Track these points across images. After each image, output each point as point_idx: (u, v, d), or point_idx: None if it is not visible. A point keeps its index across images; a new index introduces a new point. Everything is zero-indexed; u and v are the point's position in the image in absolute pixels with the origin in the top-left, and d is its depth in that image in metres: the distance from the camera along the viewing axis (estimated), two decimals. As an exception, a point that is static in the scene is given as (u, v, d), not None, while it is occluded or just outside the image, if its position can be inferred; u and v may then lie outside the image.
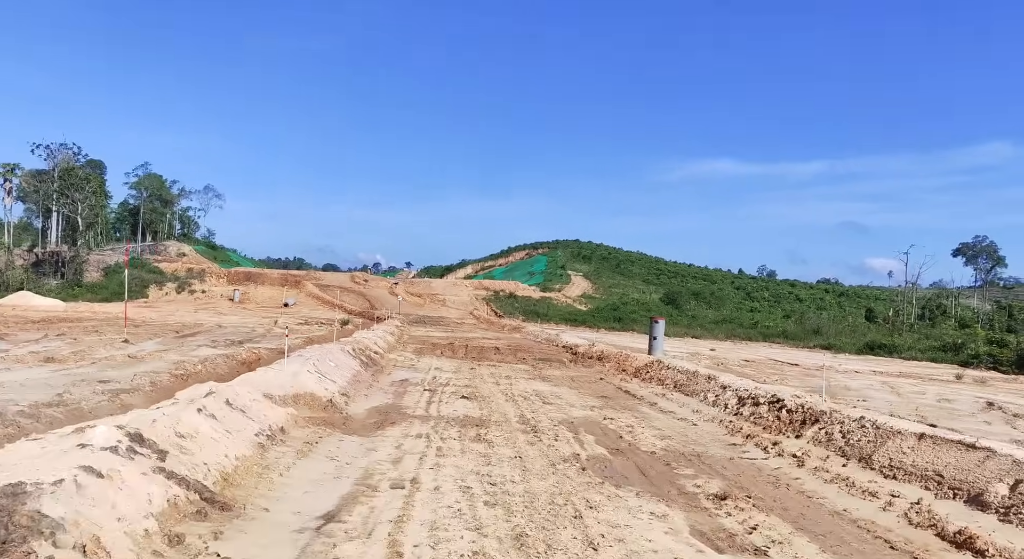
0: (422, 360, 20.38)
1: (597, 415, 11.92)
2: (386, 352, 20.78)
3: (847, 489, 7.34)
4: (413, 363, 19.24)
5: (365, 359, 16.38)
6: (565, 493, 6.55)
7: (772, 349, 46.82)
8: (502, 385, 15.31)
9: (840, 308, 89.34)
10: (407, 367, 18.02)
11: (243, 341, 22.60)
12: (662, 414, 12.56)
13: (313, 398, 10.45)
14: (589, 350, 26.00)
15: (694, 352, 33.75)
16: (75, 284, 59.96)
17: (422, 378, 15.71)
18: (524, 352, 26.97)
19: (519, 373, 18.30)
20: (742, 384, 13.17)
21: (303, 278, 69.33)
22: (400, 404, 11.85)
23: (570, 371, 20.12)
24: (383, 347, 21.34)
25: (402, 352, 22.59)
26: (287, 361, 11.71)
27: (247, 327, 31.12)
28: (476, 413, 11.25)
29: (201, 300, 59.62)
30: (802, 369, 27.92)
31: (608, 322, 64.86)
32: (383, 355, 19.43)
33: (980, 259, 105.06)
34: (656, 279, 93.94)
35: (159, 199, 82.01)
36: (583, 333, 47.82)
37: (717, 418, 11.83)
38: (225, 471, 5.62)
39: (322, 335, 27.47)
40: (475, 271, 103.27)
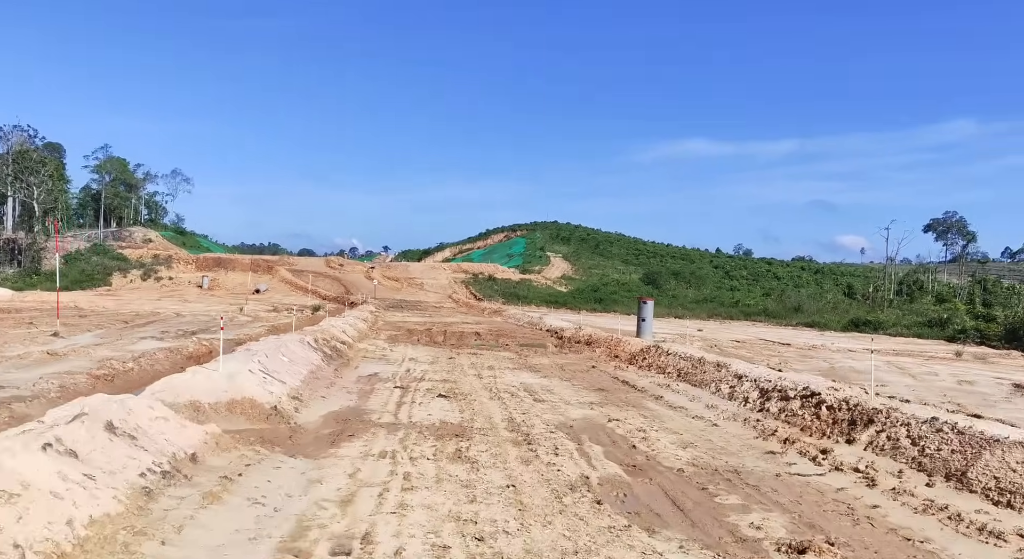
0: (396, 349, 18.28)
1: (598, 415, 9.96)
2: (356, 341, 18.64)
3: (954, 525, 5.42)
4: (385, 353, 17.13)
5: (329, 351, 14.25)
6: (583, 551, 4.55)
7: (757, 328, 45.34)
8: (485, 378, 13.28)
9: (818, 285, 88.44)
10: (378, 358, 15.91)
11: (198, 331, 20.30)
12: (673, 411, 10.62)
13: (253, 405, 8.35)
14: (576, 334, 24.07)
15: (680, 333, 32.03)
16: (32, 272, 56.72)
17: (394, 372, 13.63)
18: (507, 337, 24.98)
19: (503, 362, 16.29)
20: (761, 373, 11.27)
21: (276, 263, 66.54)
22: (364, 407, 9.78)
23: (558, 358, 18.16)
24: (353, 335, 19.19)
25: (374, 340, 20.46)
26: (225, 359, 9.56)
27: (209, 315, 28.74)
28: (456, 417, 9.22)
29: (167, 287, 56.74)
30: (797, 349, 26.28)
31: (589, 303, 63.10)
32: (352, 345, 17.29)
33: (951, 234, 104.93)
34: (636, 259, 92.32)
35: (123, 184, 78.20)
36: (566, 315, 45.95)
37: (740, 416, 9.92)
38: (61, 551, 3.52)
39: (288, 323, 25.26)
40: (453, 254, 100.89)
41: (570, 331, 25.32)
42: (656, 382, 13.56)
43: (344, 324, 20.89)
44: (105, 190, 73.67)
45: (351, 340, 18.05)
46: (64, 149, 71.69)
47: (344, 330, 18.84)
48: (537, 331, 29.05)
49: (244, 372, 8.89)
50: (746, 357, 19.70)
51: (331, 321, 21.12)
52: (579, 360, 17.90)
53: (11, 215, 62.58)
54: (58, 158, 69.17)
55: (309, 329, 16.83)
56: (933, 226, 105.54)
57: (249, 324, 24.82)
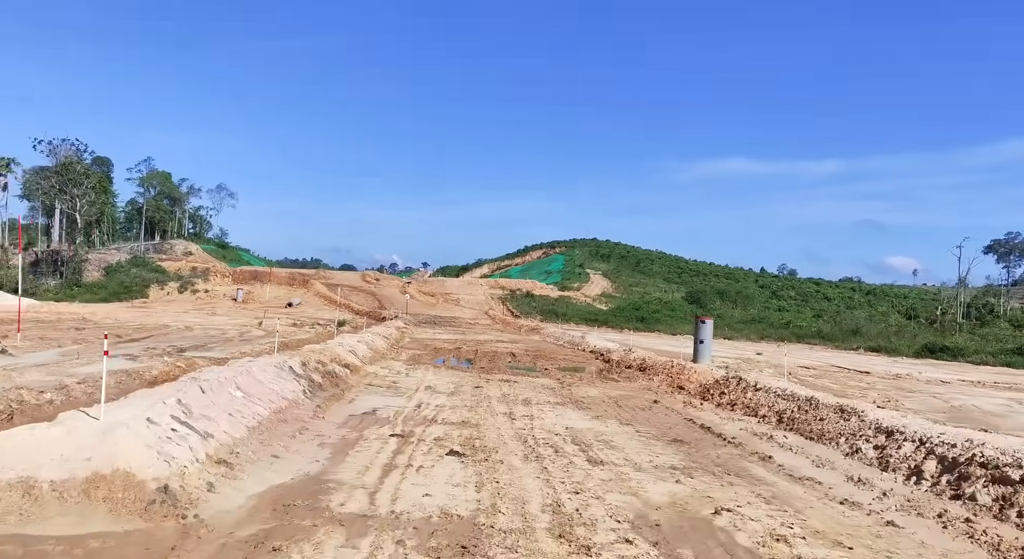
0: (413, 373, 14.76)
1: (691, 494, 6.24)
2: (366, 363, 15.18)
3: None
4: (398, 379, 13.60)
5: (320, 378, 10.77)
6: None
7: (818, 352, 40.74)
8: (518, 419, 9.63)
9: (871, 307, 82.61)
10: (386, 387, 12.38)
11: (191, 348, 17.12)
12: (801, 487, 6.81)
13: (128, 484, 4.87)
14: (626, 357, 20.28)
15: (740, 357, 27.96)
16: (74, 284, 55.16)
17: (400, 408, 10.09)
18: (545, 359, 21.34)
19: (542, 393, 12.64)
20: (925, 429, 7.40)
21: (312, 277, 64.02)
22: (330, 476, 6.23)
23: (609, 388, 14.43)
24: (364, 356, 15.75)
25: (390, 361, 16.99)
26: (123, 404, 6.14)
27: (221, 329, 25.72)
28: (468, 502, 5.60)
29: (202, 300, 54.50)
30: (881, 379, 22.05)
31: (631, 322, 58.99)
32: (359, 368, 13.82)
33: (1013, 256, 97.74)
34: (677, 278, 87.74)
35: (168, 197, 76.95)
36: (608, 334, 42.05)
37: (922, 505, 6.07)
38: None
39: (303, 338, 22.04)
40: (491, 271, 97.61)
41: (618, 353, 21.53)
42: (750, 430, 9.73)
43: (358, 342, 17.50)
44: (147, 203, 72.35)
45: (360, 362, 14.59)
46: (112, 163, 70.92)
47: (354, 349, 15.40)
48: (579, 352, 25.32)
49: (133, 424, 5.42)
50: (834, 389, 15.71)
51: (344, 338, 17.75)
52: (635, 391, 14.14)
53: (59, 227, 61.40)
54: (105, 172, 68.18)
55: (308, 348, 13.42)
56: (994, 247, 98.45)
57: (258, 340, 21.64)
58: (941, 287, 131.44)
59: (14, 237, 58.49)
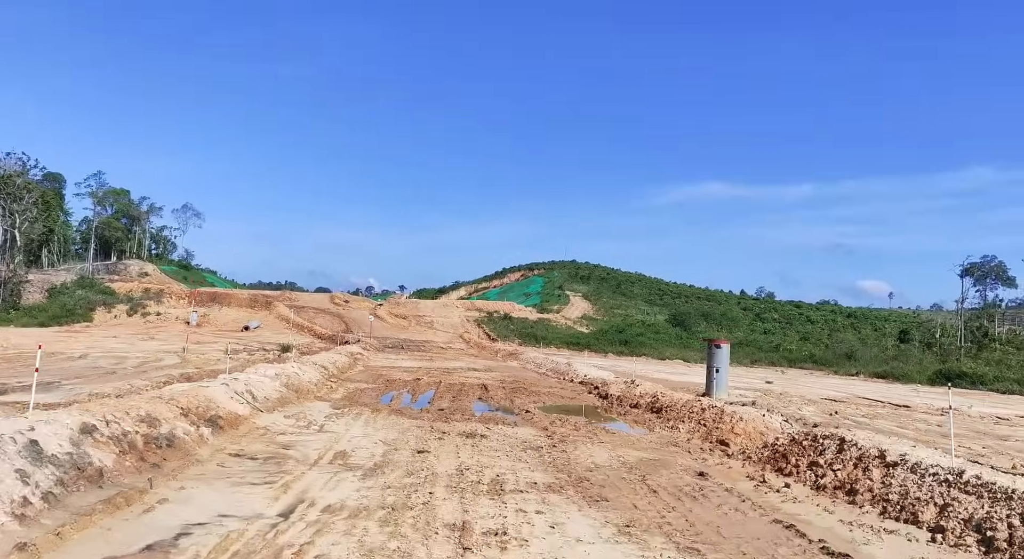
0: (335, 424, 9.70)
1: None
2: (269, 408, 10.08)
3: None
4: (298, 438, 8.51)
5: (113, 455, 5.69)
6: None
7: (819, 378, 36.20)
8: (479, 550, 4.67)
9: (855, 330, 78.75)
10: (264, 457, 7.24)
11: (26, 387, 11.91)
12: None
13: None
14: (629, 392, 15.34)
15: (748, 387, 23.26)
16: (11, 307, 49.09)
17: (239, 527, 5.07)
18: (526, 393, 16.36)
19: (523, 463, 7.67)
20: None
21: (275, 298, 58.38)
22: None
23: (620, 444, 9.50)
24: (270, 396, 10.66)
25: (314, 402, 11.89)
26: None
27: (130, 357, 20.40)
28: None
29: (152, 323, 48.70)
30: (927, 414, 17.42)
31: (614, 346, 54.14)
32: (242, 420, 8.73)
33: (990, 279, 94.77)
34: (659, 300, 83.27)
35: (126, 216, 70.73)
36: (592, 360, 37.17)
37: None
38: None
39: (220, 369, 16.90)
40: (469, 293, 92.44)
41: (618, 386, 16.60)
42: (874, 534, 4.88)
43: (275, 375, 12.41)
44: (98, 221, 66.10)
45: (251, 409, 9.48)
46: (64, 180, 64.66)
47: (252, 388, 10.29)
48: (567, 383, 20.36)
49: None
50: (906, 435, 10.97)
51: (254, 372, 12.63)
52: (659, 449, 9.23)
53: (6, 246, 55.22)
54: (57, 188, 62.29)
55: (149, 395, 8.32)
56: (970, 270, 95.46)
57: (158, 370, 16.36)
58: (918, 310, 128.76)
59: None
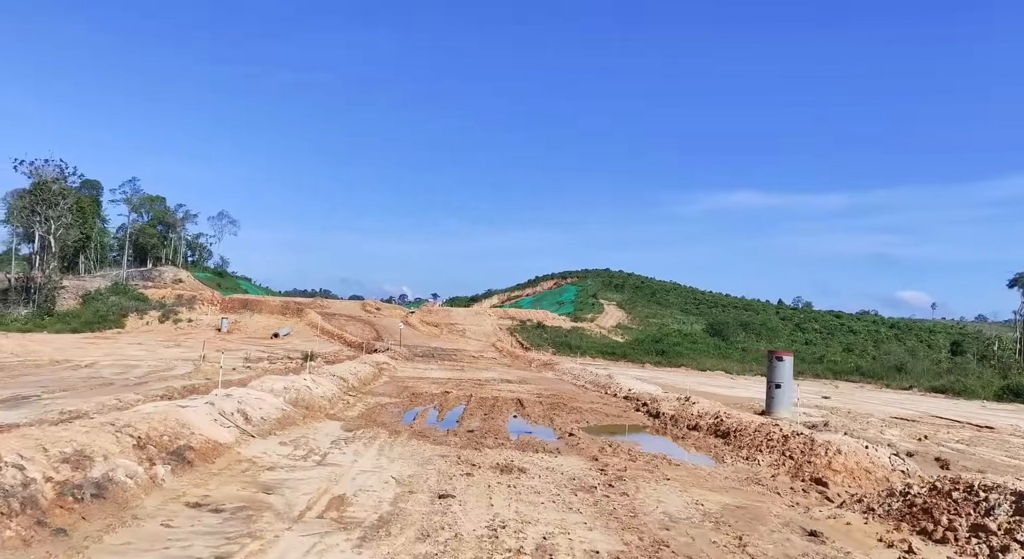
0: (341, 452, 7.96)
1: None
2: (265, 432, 8.39)
3: None
4: (291, 475, 6.77)
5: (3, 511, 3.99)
6: None
7: (873, 392, 33.53)
8: None
9: (899, 341, 74.94)
10: (234, 508, 5.53)
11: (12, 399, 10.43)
12: None
13: None
14: (684, 411, 13.31)
15: (809, 403, 21.00)
16: (46, 313, 48.80)
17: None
18: (566, 410, 14.46)
19: (572, 512, 5.83)
20: None
21: (307, 306, 57.31)
22: None
23: (693, 482, 7.56)
24: (268, 416, 8.97)
25: (323, 422, 10.19)
26: None
27: (132, 366, 19.02)
28: None
29: (183, 330, 47.93)
30: (1016, 437, 15.02)
31: (651, 356, 51.76)
32: (222, 451, 7.01)
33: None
34: (695, 309, 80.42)
35: (161, 223, 70.80)
36: (631, 370, 35.06)
37: None
38: None
39: (238, 379, 15.34)
40: (501, 301, 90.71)
41: (670, 403, 14.57)
42: None
43: (282, 389, 10.75)
44: (132, 227, 66.03)
45: (240, 434, 7.78)
46: (102, 187, 64.89)
47: (245, 408, 8.60)
48: (609, 397, 18.37)
49: None
50: None
51: (259, 385, 10.98)
52: (738, 489, 7.28)
53: (36, 253, 55.24)
54: (95, 195, 62.39)
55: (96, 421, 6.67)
56: (1019, 280, 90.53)
57: (167, 381, 14.86)
58: (962, 321, 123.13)
59: None
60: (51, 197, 48.71)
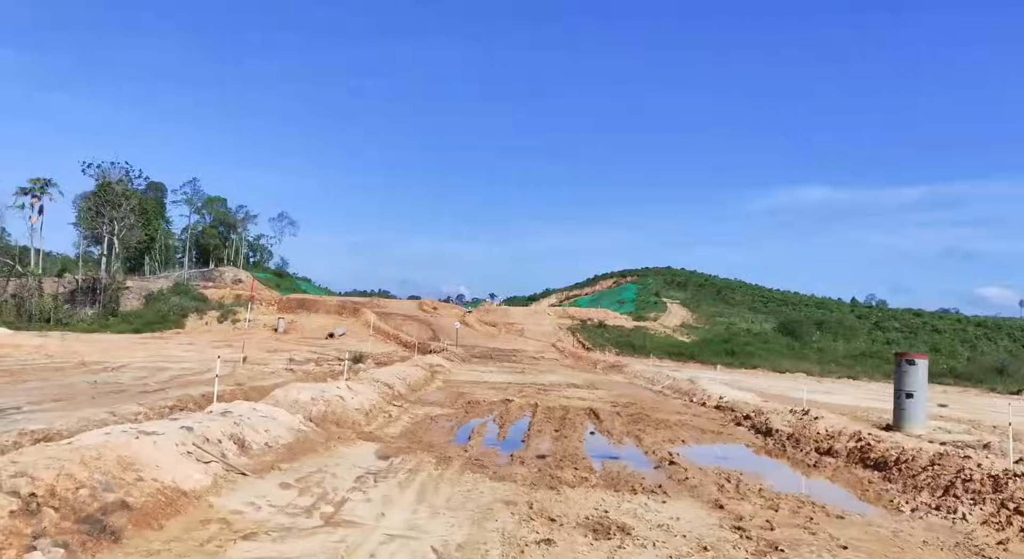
0: (364, 497, 5.56)
1: None
2: (263, 466, 6.05)
3: None
4: (263, 551, 4.37)
5: None
6: None
7: (985, 397, 29.38)
8: None
9: (989, 341, 68.59)
10: None
11: None
12: None
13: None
14: (805, 430, 10.39)
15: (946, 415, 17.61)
16: (111, 313, 48.92)
17: None
18: (653, 425, 11.74)
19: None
20: None
21: (363, 305, 56.01)
22: None
23: (889, 552, 4.87)
24: (277, 440, 6.66)
25: (356, 444, 7.84)
26: None
27: (164, 368, 17.28)
28: None
29: (240, 330, 47.16)
30: None
31: (720, 357, 48.10)
32: (191, 498, 4.68)
33: None
34: (764, 307, 75.76)
35: (223, 224, 71.14)
36: (704, 372, 31.88)
37: None
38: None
39: (269, 385, 13.29)
40: (559, 301, 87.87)
41: (783, 417, 11.65)
42: None
43: (309, 400, 8.49)
44: (193, 228, 66.46)
45: (224, 468, 5.48)
46: (167, 189, 65.53)
47: (239, 431, 6.32)
48: (697, 407, 15.51)
49: None
50: None
51: (287, 392, 8.76)
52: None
53: (105, 254, 55.71)
54: (159, 197, 62.93)
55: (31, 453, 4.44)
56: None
57: (175, 389, 12.90)
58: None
59: (49, 266, 53.03)
60: (115, 198, 48.84)
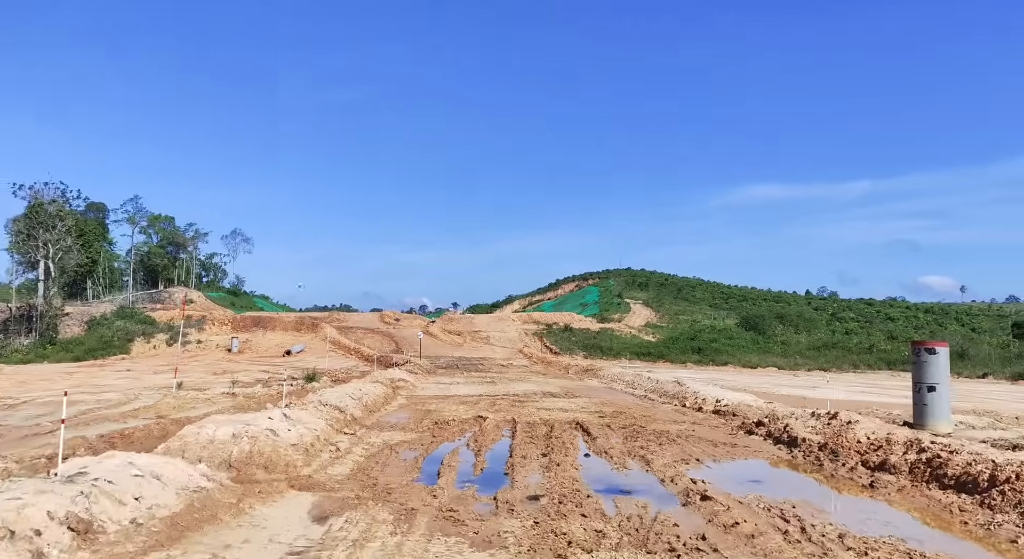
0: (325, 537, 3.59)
1: None
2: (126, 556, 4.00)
3: None
4: None
5: None
6: None
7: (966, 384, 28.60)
8: None
9: (940, 326, 69.45)
10: None
11: None
12: None
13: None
14: (840, 438, 8.78)
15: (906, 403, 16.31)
16: (48, 342, 45.04)
17: None
18: (654, 439, 9.95)
19: None
20: None
21: (323, 320, 53.27)
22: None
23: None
24: (157, 511, 4.63)
25: (277, 501, 5.82)
26: None
27: (69, 403, 14.80)
28: None
29: (191, 353, 43.98)
30: None
31: (687, 354, 46.99)
32: None
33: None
34: (724, 304, 75.41)
35: (172, 244, 67.09)
36: (679, 372, 30.47)
37: None
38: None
39: (196, 416, 11.08)
40: (522, 306, 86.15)
41: (804, 422, 10.03)
42: None
43: (232, 434, 6.43)
44: (138, 249, 62.29)
45: None
46: (108, 209, 61.43)
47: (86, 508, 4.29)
48: (692, 412, 13.85)
49: None
50: None
51: (200, 428, 6.69)
52: None
53: (42, 279, 51.56)
54: (100, 218, 58.91)
55: None
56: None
57: (72, 430, 10.61)
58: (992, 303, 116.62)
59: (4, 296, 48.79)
60: (48, 220, 45.20)
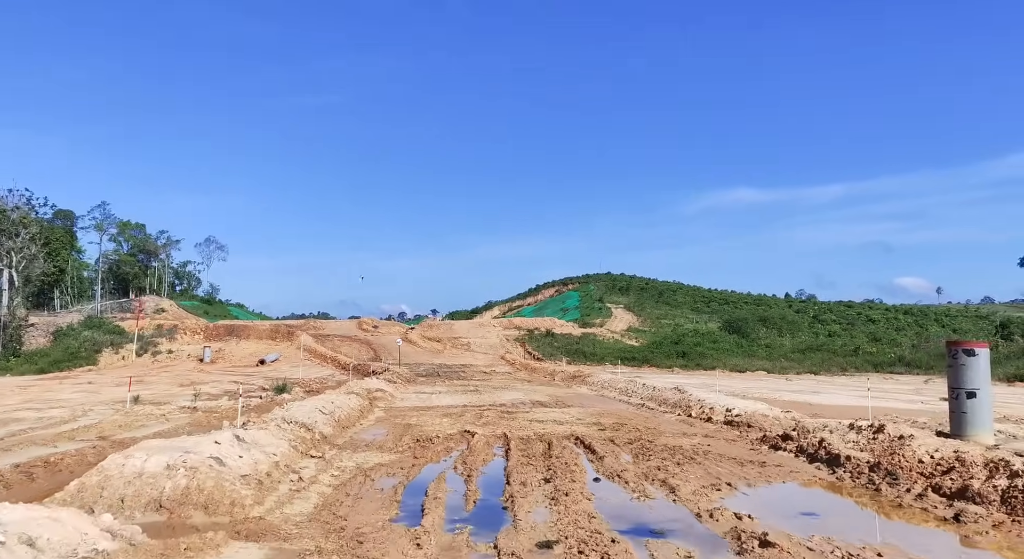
0: None
1: None
2: None
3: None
4: None
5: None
6: None
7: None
8: None
9: (920, 327, 69.18)
10: None
11: None
12: None
13: None
14: (895, 455, 7.48)
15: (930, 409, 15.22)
16: (11, 354, 42.54)
17: None
18: (666, 456, 8.53)
19: None
20: None
21: (299, 328, 51.24)
22: None
23: None
24: None
25: (252, 533, 4.26)
26: None
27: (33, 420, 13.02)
28: None
29: (161, 363, 41.85)
30: None
31: (672, 359, 45.71)
32: None
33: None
34: (706, 307, 74.56)
35: (143, 252, 64.49)
36: (669, 378, 29.21)
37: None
38: None
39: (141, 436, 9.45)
40: (503, 312, 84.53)
41: (843, 436, 8.68)
42: None
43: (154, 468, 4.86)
44: (107, 257, 59.63)
45: None
46: (76, 217, 58.77)
47: None
48: (699, 423, 12.48)
49: None
50: None
51: (127, 459, 5.13)
52: None
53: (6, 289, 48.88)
54: (69, 226, 56.30)
55: None
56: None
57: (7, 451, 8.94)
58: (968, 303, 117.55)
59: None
60: (11, 227, 42.80)
